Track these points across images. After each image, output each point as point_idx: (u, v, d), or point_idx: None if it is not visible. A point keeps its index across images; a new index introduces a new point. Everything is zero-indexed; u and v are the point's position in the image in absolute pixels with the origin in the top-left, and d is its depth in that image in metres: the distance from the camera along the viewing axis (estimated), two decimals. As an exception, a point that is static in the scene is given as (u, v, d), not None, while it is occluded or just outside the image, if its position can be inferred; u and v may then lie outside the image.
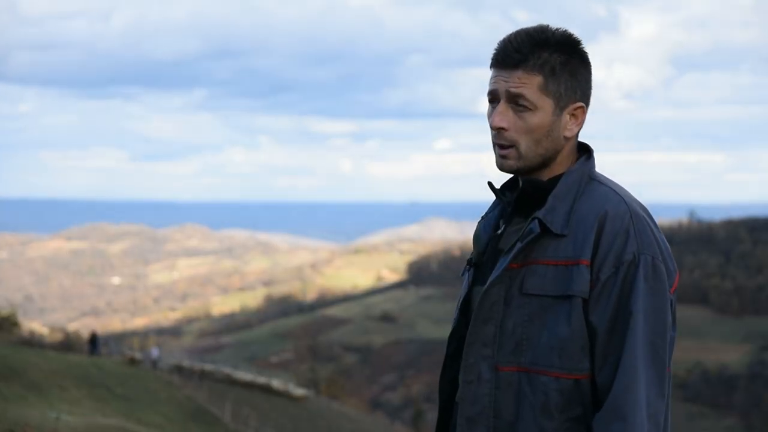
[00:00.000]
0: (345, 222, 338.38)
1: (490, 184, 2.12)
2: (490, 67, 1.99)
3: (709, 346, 78.59)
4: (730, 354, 75.01)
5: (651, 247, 1.89)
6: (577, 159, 2.04)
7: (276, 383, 38.02)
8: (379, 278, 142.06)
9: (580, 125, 2.00)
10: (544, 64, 1.93)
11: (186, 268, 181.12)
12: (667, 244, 1.96)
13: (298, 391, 37.75)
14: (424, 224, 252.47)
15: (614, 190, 1.97)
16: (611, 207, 1.91)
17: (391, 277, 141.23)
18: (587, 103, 2.01)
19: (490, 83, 1.98)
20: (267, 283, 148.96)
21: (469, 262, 2.11)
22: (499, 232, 2.06)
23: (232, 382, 35.19)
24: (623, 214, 1.90)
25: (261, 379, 38.07)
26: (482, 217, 2.15)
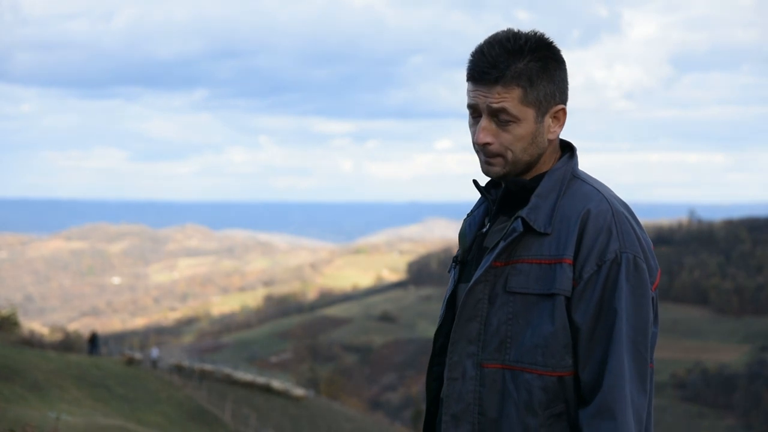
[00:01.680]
0: (345, 222, 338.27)
1: (475, 182, 2.16)
2: (467, 80, 1.99)
3: (709, 346, 78.59)
4: (730, 354, 74.98)
5: (633, 246, 1.91)
6: (560, 157, 2.07)
7: (276, 383, 38.00)
8: (379, 278, 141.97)
9: (562, 126, 2.03)
10: (522, 75, 1.93)
11: (186, 268, 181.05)
12: (650, 242, 1.99)
13: (298, 391, 37.74)
14: (424, 224, 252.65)
15: (597, 189, 1.99)
16: (594, 205, 1.93)
17: (391, 277, 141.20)
18: (566, 102, 2.03)
19: (469, 96, 1.99)
20: (267, 283, 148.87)
21: (455, 259, 2.14)
22: (484, 230, 2.09)
23: (232, 382, 35.17)
24: (605, 212, 1.92)
25: (261, 379, 38.04)
26: (467, 215, 2.18)
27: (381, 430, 42.02)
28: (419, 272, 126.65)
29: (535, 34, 1.98)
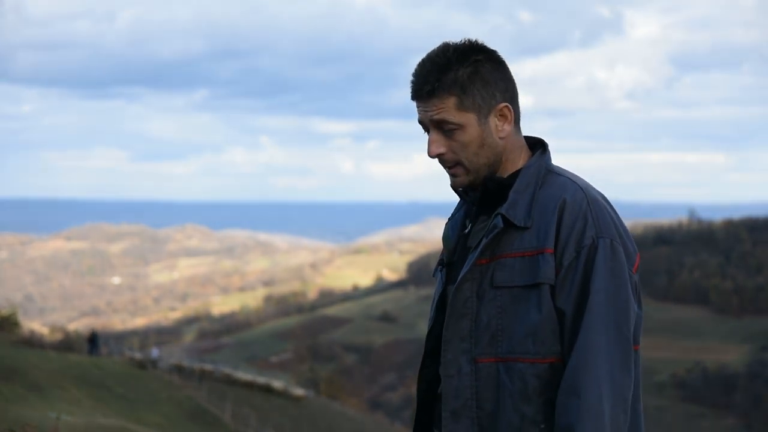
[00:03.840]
0: (345, 222, 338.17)
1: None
2: (411, 98, 2.10)
3: (709, 346, 78.54)
4: (730, 354, 74.94)
5: (609, 230, 1.99)
6: (532, 154, 2.14)
7: (276, 383, 38.01)
8: (379, 278, 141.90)
9: (512, 123, 2.09)
10: (453, 85, 2.02)
11: (186, 268, 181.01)
12: (626, 227, 2.07)
13: (298, 391, 37.76)
14: (424, 224, 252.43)
15: (571, 179, 2.07)
16: (569, 195, 2.01)
17: (391, 277, 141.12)
18: (513, 98, 2.09)
19: (417, 112, 2.10)
20: (267, 283, 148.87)
21: (441, 262, 2.21)
22: (467, 231, 2.16)
23: (232, 382, 35.17)
24: (581, 200, 2.00)
25: (261, 379, 38.06)
26: (449, 219, 2.26)
27: (381, 430, 42.03)
28: (419, 272, 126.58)
29: (467, 41, 2.07)
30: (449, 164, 2.08)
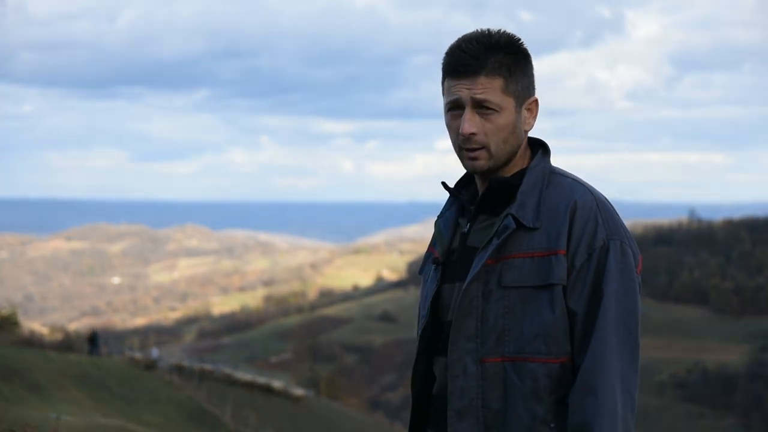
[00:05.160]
0: (345, 222, 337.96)
1: (444, 184, 2.22)
2: (447, 76, 2.06)
3: (709, 346, 78.52)
4: (730, 354, 74.93)
5: (618, 232, 2.02)
6: (533, 154, 2.15)
7: (276, 383, 38.00)
8: (379, 278, 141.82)
9: (536, 118, 2.11)
10: (501, 66, 2.03)
11: (186, 268, 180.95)
12: (628, 228, 2.10)
13: (298, 391, 37.75)
14: (424, 224, 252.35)
15: (578, 181, 2.09)
16: (579, 197, 2.03)
17: (391, 277, 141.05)
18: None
19: (450, 92, 2.06)
20: (267, 283, 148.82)
21: (435, 260, 2.19)
22: (465, 230, 2.14)
23: (232, 382, 35.14)
24: (590, 203, 2.03)
25: (261, 380, 38.05)
26: (439, 217, 2.24)
27: (381, 430, 42.02)
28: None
29: (506, 31, 2.09)
30: (476, 146, 2.05)
